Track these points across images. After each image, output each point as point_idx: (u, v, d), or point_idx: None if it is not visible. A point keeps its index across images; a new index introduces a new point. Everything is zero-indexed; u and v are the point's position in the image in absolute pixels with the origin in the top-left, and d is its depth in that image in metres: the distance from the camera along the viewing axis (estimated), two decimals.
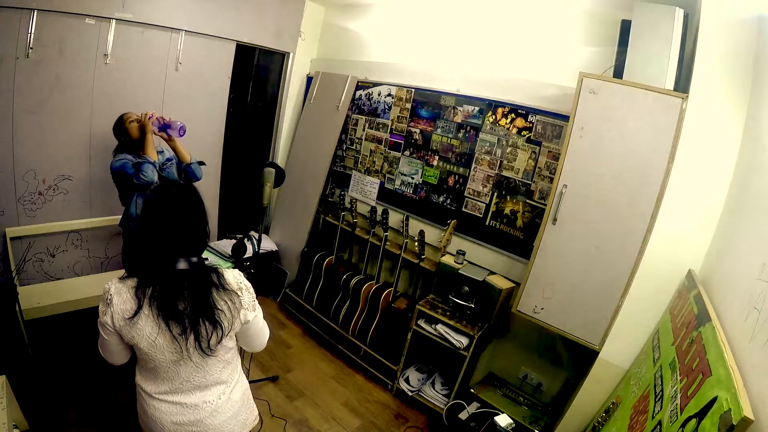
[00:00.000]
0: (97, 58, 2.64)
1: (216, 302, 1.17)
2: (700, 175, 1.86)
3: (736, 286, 1.43)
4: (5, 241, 2.53)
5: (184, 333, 1.13)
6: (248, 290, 1.26)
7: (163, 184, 1.25)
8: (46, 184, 2.66)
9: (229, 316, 1.19)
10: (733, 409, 0.94)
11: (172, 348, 1.14)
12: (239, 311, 1.22)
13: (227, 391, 1.30)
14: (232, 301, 1.20)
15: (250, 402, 1.44)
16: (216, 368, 1.26)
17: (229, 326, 1.20)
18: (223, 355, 1.25)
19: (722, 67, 1.80)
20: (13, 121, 2.42)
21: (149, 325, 1.11)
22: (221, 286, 1.19)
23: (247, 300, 1.25)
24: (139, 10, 2.70)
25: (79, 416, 2.19)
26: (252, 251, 2.41)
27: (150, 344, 1.13)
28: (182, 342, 1.14)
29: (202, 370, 1.22)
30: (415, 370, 2.97)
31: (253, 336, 1.34)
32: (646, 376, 1.67)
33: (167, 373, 1.19)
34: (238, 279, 1.26)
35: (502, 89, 2.68)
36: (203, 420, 1.25)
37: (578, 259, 2.14)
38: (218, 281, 1.20)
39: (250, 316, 1.25)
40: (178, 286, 1.14)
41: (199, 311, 1.14)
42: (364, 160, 3.47)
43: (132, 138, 2.34)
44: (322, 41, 3.95)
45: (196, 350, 1.16)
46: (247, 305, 1.24)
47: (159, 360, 1.16)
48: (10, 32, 2.28)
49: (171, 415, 1.22)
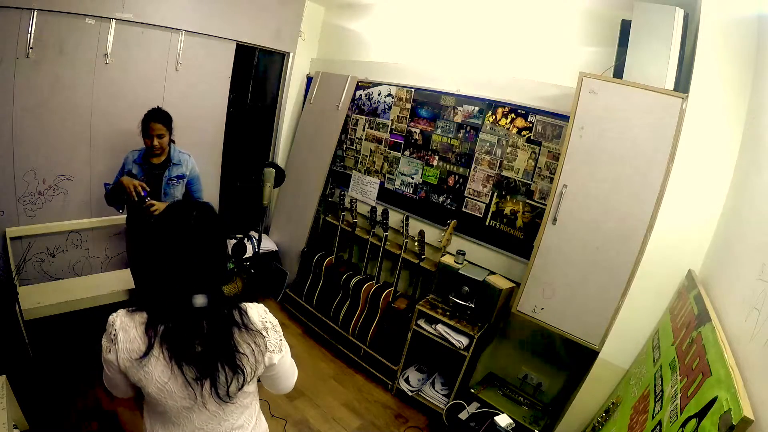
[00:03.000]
0: (97, 58, 2.64)
1: (238, 345, 1.01)
2: (700, 175, 1.86)
3: (736, 286, 1.43)
4: (5, 241, 2.53)
5: (199, 379, 0.98)
6: (274, 329, 1.11)
7: (180, 205, 1.05)
8: (46, 184, 2.67)
9: (252, 361, 1.04)
10: (733, 409, 0.94)
11: (185, 394, 1.00)
12: (264, 355, 1.06)
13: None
14: (256, 344, 1.05)
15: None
16: (234, 415, 1.12)
17: (252, 371, 1.05)
18: (242, 401, 1.12)
19: (722, 67, 1.80)
20: (13, 121, 2.42)
21: (159, 369, 0.96)
22: (244, 326, 1.03)
23: (274, 341, 1.09)
24: (139, 10, 2.70)
25: (79, 416, 2.19)
26: (252, 251, 2.41)
27: (159, 389, 0.98)
28: (197, 388, 0.99)
29: (218, 417, 1.08)
30: (415, 370, 2.97)
31: (279, 378, 1.18)
32: (646, 376, 1.66)
33: (178, 419, 1.06)
34: (263, 316, 1.10)
35: (502, 89, 2.68)
36: None
37: (578, 259, 2.13)
38: (241, 320, 1.03)
39: (276, 358, 1.10)
40: (195, 326, 0.98)
41: (218, 355, 0.99)
42: (364, 160, 3.47)
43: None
44: (322, 41, 3.95)
45: (212, 397, 1.02)
46: (273, 347, 1.08)
47: (170, 406, 1.02)
48: (10, 32, 2.28)
49: None
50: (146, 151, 2.37)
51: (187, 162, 2.49)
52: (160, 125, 2.31)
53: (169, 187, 2.43)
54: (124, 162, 2.40)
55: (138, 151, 2.41)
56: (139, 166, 2.37)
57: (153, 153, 2.36)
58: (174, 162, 2.43)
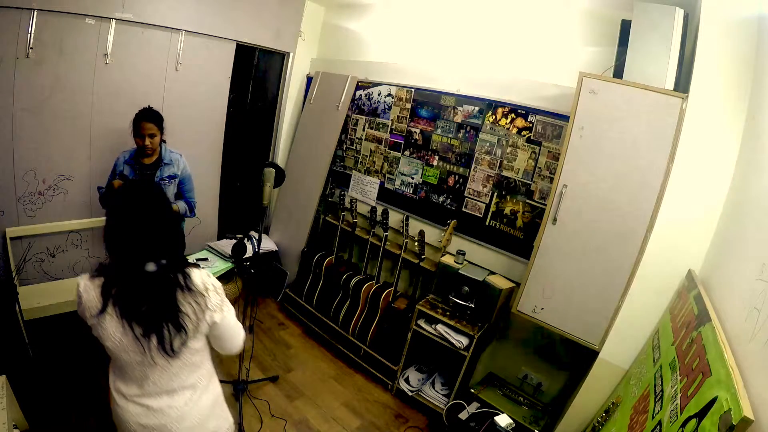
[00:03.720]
0: (97, 58, 2.64)
1: (180, 305, 1.15)
2: (700, 175, 1.86)
3: (736, 286, 1.43)
4: (5, 241, 2.53)
5: (146, 335, 1.12)
6: (216, 291, 1.23)
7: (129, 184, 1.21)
8: (46, 184, 2.67)
9: (194, 319, 1.18)
10: (733, 409, 0.94)
11: (136, 348, 1.14)
12: (204, 313, 1.20)
13: (194, 397, 1.27)
14: (197, 303, 1.18)
15: (223, 409, 1.41)
16: (183, 372, 1.23)
17: (193, 329, 1.18)
18: (189, 357, 1.23)
19: (722, 67, 1.80)
20: (13, 121, 2.42)
21: (113, 325, 1.12)
22: (187, 288, 1.17)
23: (214, 301, 1.22)
24: (139, 10, 2.70)
25: (79, 416, 2.19)
26: (252, 251, 2.41)
27: (115, 344, 1.13)
28: (145, 343, 1.13)
29: (168, 372, 1.20)
30: (415, 370, 2.97)
31: (222, 338, 1.30)
32: (646, 376, 1.66)
33: (134, 373, 1.19)
34: (205, 279, 1.23)
35: (502, 89, 2.68)
36: (167, 425, 1.22)
37: (578, 259, 2.14)
38: (184, 282, 1.17)
39: (217, 317, 1.23)
40: (142, 288, 1.13)
41: (162, 313, 1.13)
42: (364, 160, 3.47)
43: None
44: (322, 41, 3.95)
45: (158, 352, 1.15)
46: (213, 306, 1.21)
47: (125, 360, 1.16)
48: (10, 32, 2.28)
49: (137, 417, 1.21)
50: (137, 151, 2.37)
51: (179, 162, 2.49)
52: (151, 125, 2.30)
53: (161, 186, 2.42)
54: (116, 164, 2.40)
55: (129, 151, 2.41)
56: (130, 167, 2.36)
57: (144, 153, 2.36)
58: (165, 162, 2.43)
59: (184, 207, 2.53)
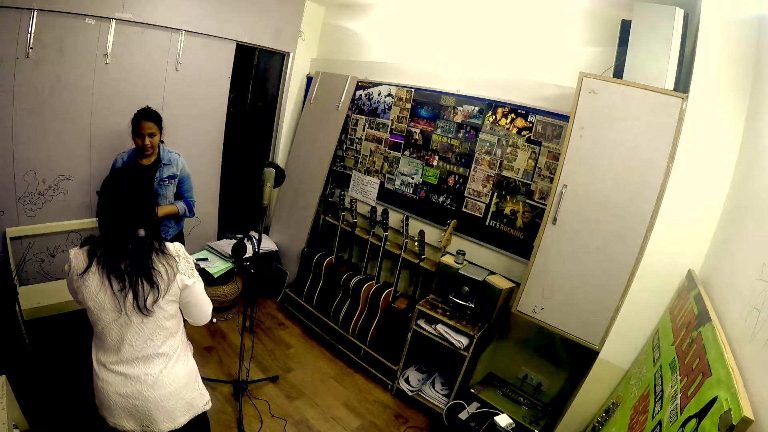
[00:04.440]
0: (97, 58, 2.64)
1: (154, 264, 1.31)
2: (700, 175, 1.86)
3: (736, 286, 1.43)
4: (5, 241, 2.53)
5: (123, 290, 1.25)
6: (186, 259, 1.40)
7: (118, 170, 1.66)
8: (46, 184, 2.67)
9: (166, 279, 1.32)
10: (733, 409, 0.94)
11: (113, 306, 1.26)
12: (176, 275, 1.34)
13: (168, 365, 1.37)
14: (169, 265, 1.34)
15: (198, 384, 1.49)
16: (157, 336, 1.34)
17: (165, 287, 1.32)
18: (163, 321, 1.34)
19: (722, 67, 1.80)
20: (13, 121, 2.42)
21: (95, 282, 1.25)
22: (160, 251, 1.33)
23: (184, 266, 1.37)
24: (139, 10, 2.70)
25: (79, 416, 2.19)
26: (252, 251, 2.40)
27: (95, 303, 1.26)
28: (121, 299, 1.26)
29: (142, 334, 1.31)
30: (415, 370, 2.97)
31: (193, 304, 1.43)
32: (646, 376, 1.66)
33: (112, 336, 1.29)
34: (177, 248, 1.40)
35: (502, 89, 2.68)
36: (143, 392, 1.31)
37: (578, 259, 2.13)
38: (158, 246, 1.34)
39: (188, 281, 1.37)
40: (122, 248, 1.28)
41: (138, 270, 1.27)
42: (364, 160, 3.47)
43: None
44: (322, 41, 3.95)
45: (134, 308, 1.27)
46: (184, 271, 1.36)
47: (104, 321, 1.27)
48: (10, 32, 2.28)
49: (116, 386, 1.31)
50: (136, 151, 2.35)
51: (177, 161, 2.46)
52: (151, 123, 2.28)
53: (160, 188, 2.41)
54: (114, 165, 2.39)
55: (127, 152, 2.39)
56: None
57: (144, 153, 2.33)
58: (164, 162, 2.40)
59: (183, 207, 2.52)
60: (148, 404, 1.32)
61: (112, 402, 1.31)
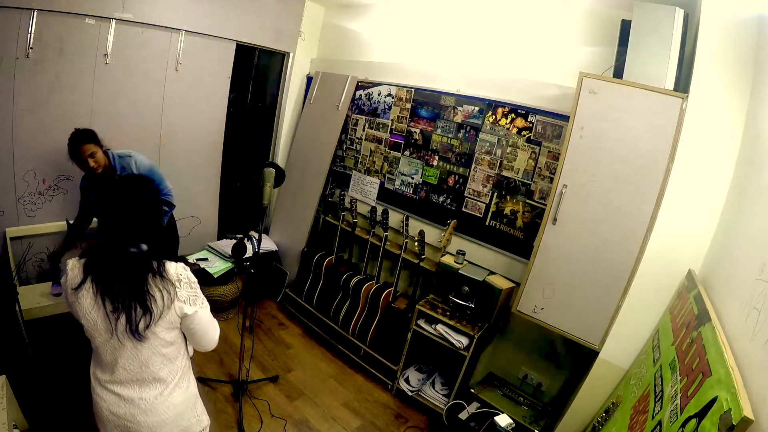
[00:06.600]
0: (97, 58, 2.64)
1: (149, 287, 1.19)
2: (700, 175, 1.86)
3: (736, 286, 1.43)
4: (5, 241, 2.53)
5: (115, 311, 1.17)
6: (189, 284, 1.27)
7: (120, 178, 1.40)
8: (46, 184, 2.67)
9: (161, 305, 1.20)
10: (733, 409, 0.94)
11: (105, 327, 1.18)
12: (173, 302, 1.22)
13: (165, 392, 1.29)
14: (167, 291, 1.21)
15: (196, 410, 1.41)
16: (154, 362, 1.26)
17: (158, 314, 1.20)
18: (159, 347, 1.25)
19: (722, 67, 1.80)
20: (13, 121, 2.42)
21: (88, 300, 1.18)
22: (159, 274, 1.21)
23: (185, 293, 1.25)
24: (139, 10, 2.70)
25: (79, 416, 2.19)
26: (252, 251, 2.41)
27: (88, 322, 1.19)
28: (113, 320, 1.17)
29: (137, 359, 1.23)
30: (415, 370, 2.97)
31: (195, 332, 1.32)
32: (646, 376, 1.66)
33: (106, 356, 1.23)
34: (179, 272, 1.27)
35: (502, 89, 2.68)
36: (136, 416, 1.25)
37: (578, 259, 2.14)
38: (157, 268, 1.22)
39: (188, 310, 1.25)
40: (118, 266, 1.19)
41: (131, 293, 1.18)
42: (364, 160, 3.47)
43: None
44: (322, 41, 3.95)
45: (126, 332, 1.18)
46: (183, 298, 1.24)
47: (98, 341, 1.21)
48: (10, 32, 2.28)
49: (109, 404, 1.25)
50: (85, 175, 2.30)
51: (130, 164, 2.36)
52: (89, 144, 2.21)
53: None
54: (81, 191, 2.36)
55: (83, 175, 2.35)
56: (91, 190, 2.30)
57: (94, 173, 2.26)
58: (119, 171, 2.32)
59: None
60: (141, 429, 1.26)
61: (104, 418, 1.27)
